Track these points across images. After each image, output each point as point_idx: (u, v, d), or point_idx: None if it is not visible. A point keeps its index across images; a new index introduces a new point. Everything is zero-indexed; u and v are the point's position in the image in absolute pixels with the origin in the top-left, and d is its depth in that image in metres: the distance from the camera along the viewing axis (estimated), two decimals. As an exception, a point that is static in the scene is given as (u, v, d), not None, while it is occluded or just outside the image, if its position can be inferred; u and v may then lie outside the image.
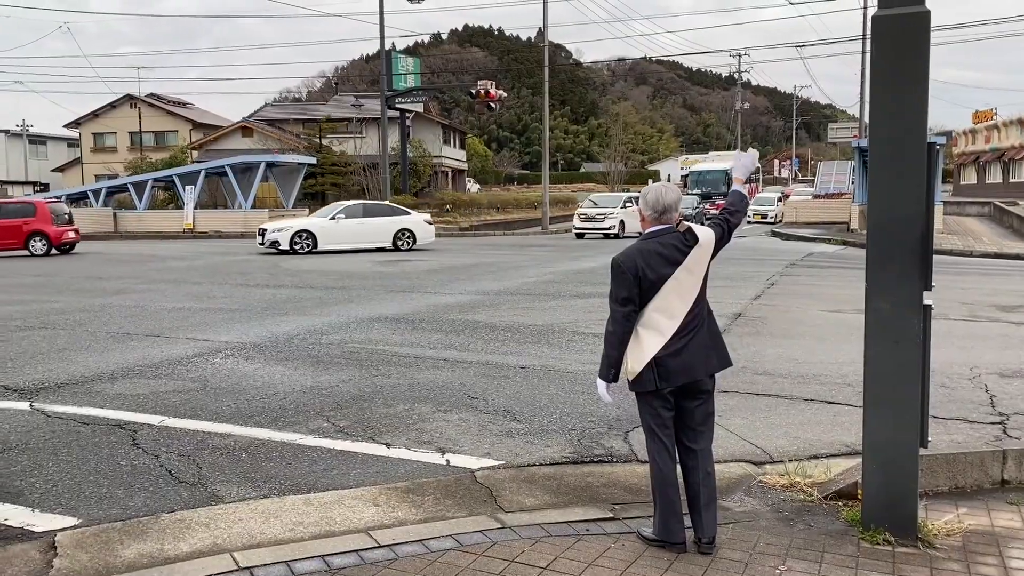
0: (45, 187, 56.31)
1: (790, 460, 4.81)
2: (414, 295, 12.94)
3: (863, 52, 38.14)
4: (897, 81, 3.63)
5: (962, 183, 59.91)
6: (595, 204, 32.34)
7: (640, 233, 3.70)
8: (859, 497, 3.93)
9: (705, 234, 3.60)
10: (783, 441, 5.38)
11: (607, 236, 30.17)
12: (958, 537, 3.79)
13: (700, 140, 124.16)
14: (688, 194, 41.25)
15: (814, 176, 59.99)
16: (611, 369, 3.62)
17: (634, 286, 3.52)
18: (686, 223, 3.60)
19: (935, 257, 3.81)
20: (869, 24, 3.80)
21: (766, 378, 7.08)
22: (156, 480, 4.62)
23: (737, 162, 4.05)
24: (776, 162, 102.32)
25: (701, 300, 3.59)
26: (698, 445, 3.64)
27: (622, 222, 30.53)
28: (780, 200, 44.66)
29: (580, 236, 30.96)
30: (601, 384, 3.67)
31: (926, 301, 3.66)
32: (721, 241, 3.66)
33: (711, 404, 3.69)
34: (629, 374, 3.60)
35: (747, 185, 3.98)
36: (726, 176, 43.48)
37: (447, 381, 6.96)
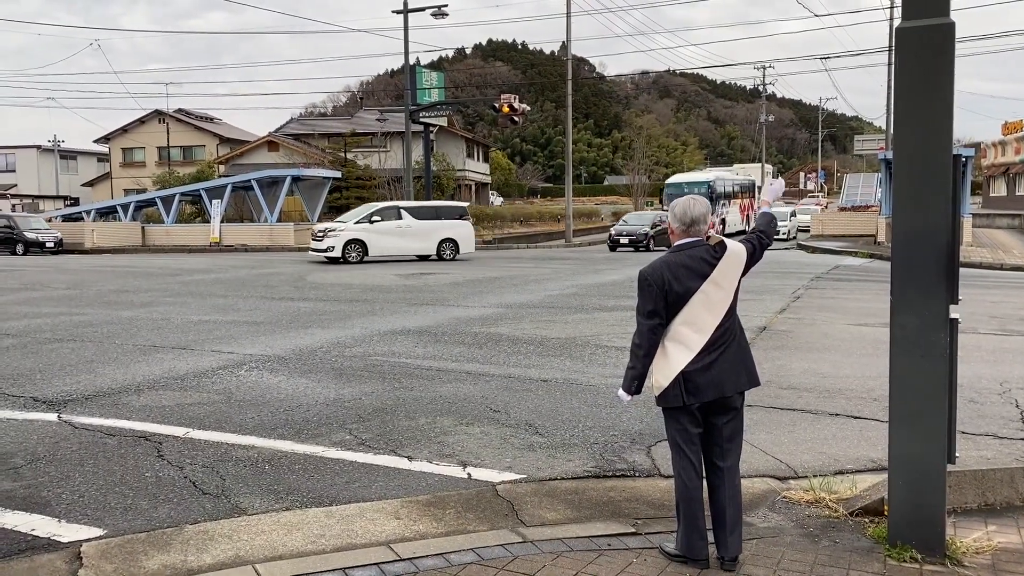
0: (75, 201, 57.20)
1: (815, 475, 4.75)
2: (437, 308, 12.97)
3: (889, 64, 37.89)
4: (921, 93, 3.61)
5: (991, 195, 59.16)
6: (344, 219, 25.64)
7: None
8: (885, 513, 3.88)
9: (735, 248, 3.58)
10: (808, 456, 5.33)
11: (335, 260, 23.67)
12: (987, 555, 3.72)
13: (724, 153, 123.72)
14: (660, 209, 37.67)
15: (840, 188, 59.51)
16: (634, 382, 3.60)
17: (660, 299, 3.49)
18: (718, 236, 3.58)
19: (963, 270, 3.77)
20: (894, 36, 3.77)
21: (791, 392, 7.02)
22: (180, 491, 4.66)
23: (767, 187, 4.11)
24: (802, 175, 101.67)
25: (731, 315, 3.56)
26: (725, 462, 3.60)
27: (358, 243, 24.07)
28: (793, 215, 42.96)
29: (333, 261, 24.26)
30: (624, 396, 3.66)
31: (953, 315, 3.61)
32: (753, 257, 3.64)
33: (740, 421, 3.65)
34: (656, 388, 3.57)
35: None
36: (709, 189, 36.48)
37: (469, 394, 6.96)
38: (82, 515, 4.31)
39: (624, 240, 31.59)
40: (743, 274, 3.60)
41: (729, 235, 39.05)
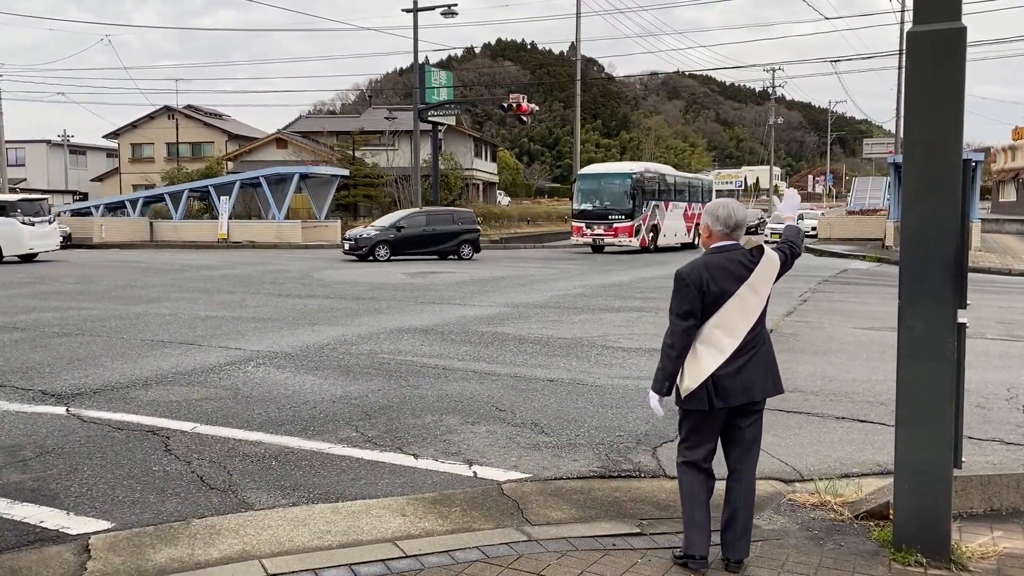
0: (84, 196, 57.42)
1: (820, 478, 4.75)
2: (443, 307, 12.99)
3: (899, 68, 37.80)
4: (932, 97, 3.60)
5: (1001, 200, 58.96)
6: None
7: None
8: (891, 517, 3.88)
9: (772, 254, 3.58)
10: (814, 459, 5.33)
11: None
12: (992, 560, 3.72)
13: (733, 155, 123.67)
14: (583, 209, 29.36)
15: (848, 192, 59.32)
16: (665, 382, 3.54)
17: (697, 299, 3.47)
18: (756, 240, 3.57)
19: (972, 275, 3.77)
20: (905, 40, 3.77)
21: (797, 395, 7.01)
22: (188, 486, 4.68)
23: (785, 203, 4.08)
24: (810, 177, 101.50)
25: (762, 320, 3.56)
26: (743, 466, 3.60)
27: None
28: (800, 219, 42.17)
29: None
30: (654, 397, 3.60)
31: (961, 319, 3.61)
32: (785, 266, 3.65)
33: (760, 425, 3.65)
34: (683, 391, 3.52)
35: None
36: (632, 184, 28.69)
37: (475, 393, 6.98)
38: (90, 508, 4.34)
39: (346, 246, 25.13)
40: (775, 281, 3.61)
41: (667, 248, 30.39)
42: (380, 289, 15.89)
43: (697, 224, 31.70)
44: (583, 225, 29.51)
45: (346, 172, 40.46)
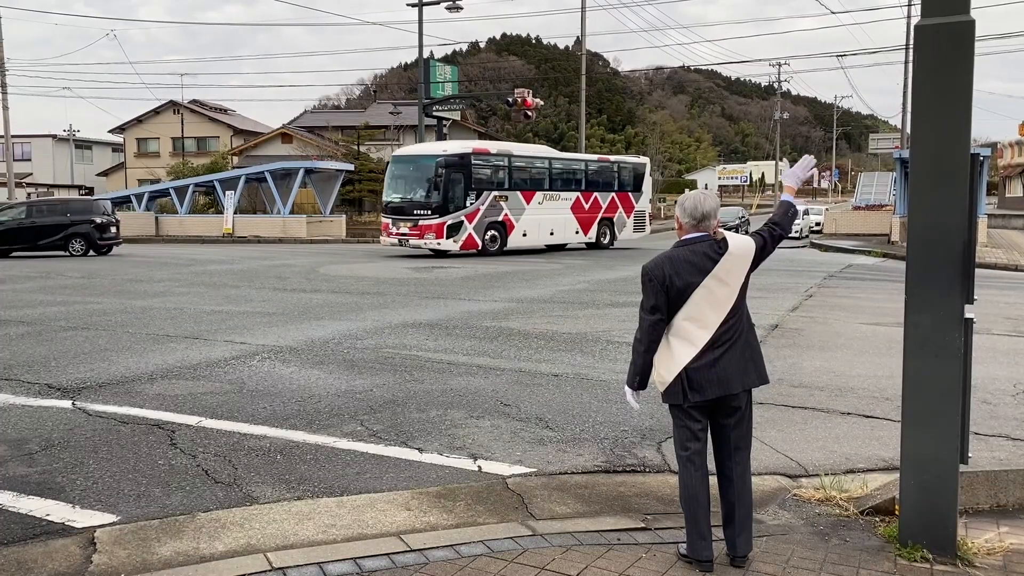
0: (90, 191, 57.52)
1: (826, 474, 4.74)
2: (448, 301, 12.99)
3: (905, 62, 37.64)
4: (940, 91, 3.58)
5: (1008, 196, 58.72)
6: None
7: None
8: (896, 513, 3.87)
9: (740, 243, 3.52)
10: (819, 454, 5.31)
11: None
12: (999, 556, 3.71)
13: (738, 150, 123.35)
14: (390, 201, 24.09)
15: (854, 187, 59.19)
16: (636, 376, 3.59)
17: (661, 294, 3.47)
18: (722, 232, 3.56)
19: (978, 271, 3.75)
20: (912, 34, 3.75)
21: (803, 391, 7.00)
22: (193, 479, 4.69)
23: (789, 172, 3.93)
24: (816, 173, 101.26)
25: (737, 311, 3.51)
26: (732, 464, 3.58)
27: None
28: (806, 214, 41.87)
29: None
30: (628, 391, 3.65)
31: (968, 315, 3.59)
32: (763, 252, 3.57)
33: (748, 422, 3.61)
34: (659, 384, 3.55)
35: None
36: (439, 169, 22.79)
37: (480, 387, 6.98)
38: (96, 501, 4.35)
39: None
40: (752, 269, 3.54)
41: (551, 247, 27.54)
42: (384, 284, 15.89)
43: (608, 219, 27.99)
44: (390, 222, 24.07)
45: (351, 167, 40.44)
